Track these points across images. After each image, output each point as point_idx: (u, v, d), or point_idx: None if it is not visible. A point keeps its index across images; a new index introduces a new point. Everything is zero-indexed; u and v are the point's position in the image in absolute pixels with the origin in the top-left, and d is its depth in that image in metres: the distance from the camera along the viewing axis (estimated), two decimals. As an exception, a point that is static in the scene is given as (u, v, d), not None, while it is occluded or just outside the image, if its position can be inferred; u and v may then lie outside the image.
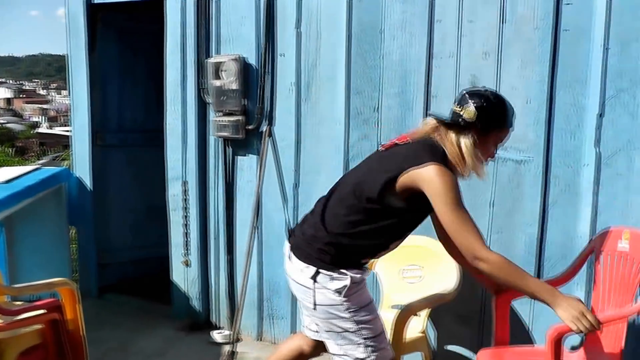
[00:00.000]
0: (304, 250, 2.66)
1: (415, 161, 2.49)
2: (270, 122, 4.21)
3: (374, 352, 2.66)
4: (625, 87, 3.27)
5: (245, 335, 4.51)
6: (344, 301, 2.60)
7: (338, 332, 2.67)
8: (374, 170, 2.63)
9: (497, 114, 2.58)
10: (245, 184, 4.38)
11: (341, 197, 2.66)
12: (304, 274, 2.63)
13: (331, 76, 3.97)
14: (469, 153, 2.54)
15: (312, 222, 2.71)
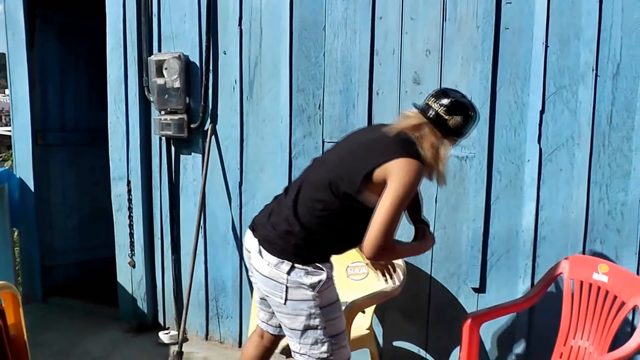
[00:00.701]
0: (278, 244, 2.61)
1: (392, 155, 2.50)
2: (213, 121, 4.16)
3: (335, 350, 2.67)
4: (566, 84, 3.32)
5: (192, 335, 4.47)
6: (315, 297, 2.59)
7: (303, 329, 2.65)
8: (349, 164, 2.61)
9: (470, 127, 2.69)
10: (189, 182, 4.33)
11: (316, 192, 2.62)
12: (278, 269, 2.60)
13: (274, 73, 3.94)
14: (443, 159, 2.59)
15: (284, 216, 2.65)
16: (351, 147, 2.71)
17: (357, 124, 3.71)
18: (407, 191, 2.46)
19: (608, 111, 3.28)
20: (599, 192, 3.34)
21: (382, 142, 2.59)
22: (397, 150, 2.52)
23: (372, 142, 2.63)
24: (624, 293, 2.85)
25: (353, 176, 2.54)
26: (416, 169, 2.48)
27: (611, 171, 3.33)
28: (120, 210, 4.61)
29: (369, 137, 2.69)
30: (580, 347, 2.99)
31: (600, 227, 3.36)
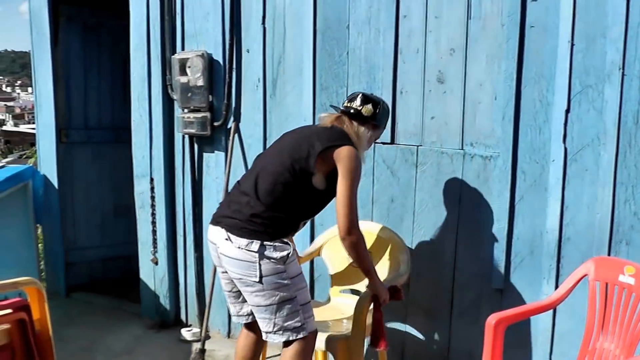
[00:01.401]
0: (246, 228, 2.85)
1: (338, 141, 2.93)
2: (236, 119, 4.17)
3: (306, 318, 2.92)
4: (592, 83, 3.27)
5: (214, 333, 4.49)
6: (286, 268, 2.85)
7: (278, 302, 2.85)
8: (303, 148, 2.94)
9: (385, 116, 3.22)
10: (212, 180, 4.34)
11: (277, 175, 2.91)
12: (249, 248, 2.82)
13: (297, 72, 3.94)
14: (366, 140, 3.10)
15: (245, 201, 2.90)
16: (297, 139, 3.04)
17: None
18: (355, 174, 2.91)
19: (635, 110, 3.23)
20: (624, 192, 3.29)
21: (325, 131, 3.02)
22: (342, 137, 2.97)
23: (316, 132, 3.04)
24: (651, 295, 2.82)
25: (309, 157, 2.89)
26: (356, 155, 2.93)
27: (637, 171, 3.28)
28: (143, 207, 4.64)
29: (310, 130, 3.13)
30: (606, 350, 2.95)
31: (626, 229, 3.31)
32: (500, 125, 3.46)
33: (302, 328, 2.89)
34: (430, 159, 3.64)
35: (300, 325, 2.89)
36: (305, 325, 2.90)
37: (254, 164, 3.15)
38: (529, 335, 3.55)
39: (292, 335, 2.90)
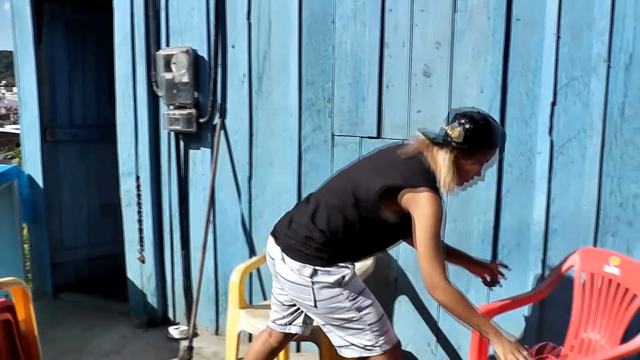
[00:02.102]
0: (300, 251, 2.71)
1: (413, 182, 2.59)
2: (222, 115, 4.15)
3: (380, 336, 2.75)
4: (578, 76, 3.30)
5: (202, 330, 4.47)
6: (343, 291, 2.68)
7: (340, 324, 2.74)
8: (369, 178, 2.69)
9: (482, 135, 2.63)
10: (198, 177, 4.32)
11: (335, 200, 2.72)
12: (301, 273, 2.69)
13: (283, 67, 3.93)
14: (451, 171, 2.62)
15: (304, 223, 2.73)
16: (372, 164, 2.80)
17: (367, 117, 3.72)
18: (434, 223, 2.53)
19: (620, 103, 3.26)
20: (610, 184, 3.31)
21: (402, 165, 2.66)
22: (418, 178, 2.60)
23: (391, 161, 2.72)
24: (636, 286, 2.81)
25: (373, 190, 2.63)
26: (434, 200, 2.55)
27: (623, 163, 3.30)
28: (130, 205, 4.61)
29: (388, 158, 2.76)
30: (592, 340, 2.96)
31: (612, 220, 3.34)
32: (486, 118, 3.46)
33: (376, 346, 2.75)
34: (417, 152, 3.64)
35: (372, 345, 2.75)
36: (378, 343, 2.75)
37: (330, 178, 2.99)
38: (516, 327, 3.56)
39: (365, 352, 2.78)
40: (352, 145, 3.79)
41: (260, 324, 3.41)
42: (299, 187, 3.96)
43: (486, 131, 2.65)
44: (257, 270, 4.17)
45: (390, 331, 2.81)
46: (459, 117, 2.63)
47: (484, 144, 2.65)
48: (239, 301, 3.53)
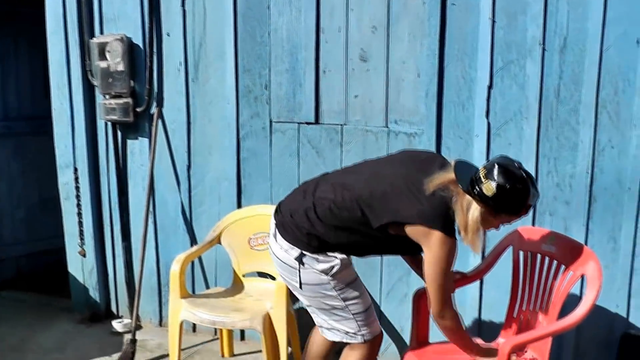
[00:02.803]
0: (292, 231, 2.67)
1: (427, 220, 2.47)
2: (159, 104, 4.07)
3: (364, 326, 2.76)
4: (514, 59, 3.35)
5: (146, 322, 4.41)
6: (330, 280, 2.66)
7: (326, 309, 2.74)
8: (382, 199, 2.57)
9: (514, 200, 2.45)
10: (138, 168, 4.24)
11: (343, 204, 2.62)
12: (289, 254, 2.68)
13: (219, 54, 3.87)
14: (473, 226, 2.48)
15: (304, 208, 2.67)
16: (392, 177, 2.62)
17: (305, 103, 3.71)
18: (444, 264, 2.50)
19: (556, 85, 3.32)
20: (547, 165, 3.36)
21: (421, 195, 2.49)
22: (435, 216, 2.47)
23: (412, 189, 2.53)
24: (571, 262, 2.85)
25: (381, 214, 2.55)
26: (445, 243, 2.47)
27: (559, 144, 3.36)
28: (68, 198, 4.50)
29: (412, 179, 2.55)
30: (530, 317, 2.99)
31: (550, 200, 3.39)
32: (423, 102, 3.48)
33: (358, 334, 2.77)
34: (355, 137, 3.65)
35: (354, 333, 2.77)
36: (361, 331, 2.77)
37: (346, 169, 2.92)
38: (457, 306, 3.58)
39: (346, 338, 2.80)
40: (290, 132, 3.77)
41: (202, 313, 3.39)
42: (238, 175, 3.93)
43: (520, 197, 2.45)
44: (199, 259, 4.13)
45: (374, 322, 2.82)
46: (500, 173, 2.41)
47: (512, 209, 2.49)
48: (180, 291, 3.49)
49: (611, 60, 3.21)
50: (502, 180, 2.39)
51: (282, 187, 3.83)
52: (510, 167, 2.44)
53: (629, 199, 3.29)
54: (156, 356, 4.00)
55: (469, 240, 2.50)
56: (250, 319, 3.32)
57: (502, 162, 2.46)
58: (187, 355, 3.96)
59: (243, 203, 3.94)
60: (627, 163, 3.28)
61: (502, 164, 2.45)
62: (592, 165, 3.32)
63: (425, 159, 2.69)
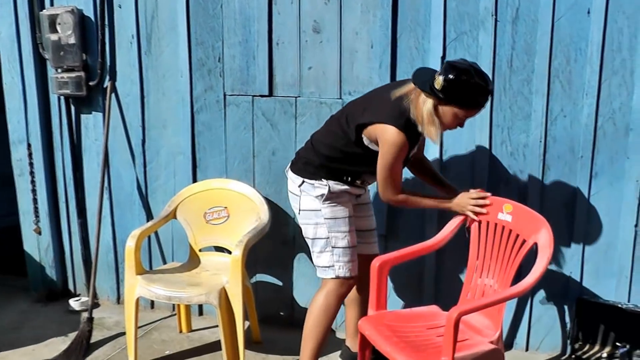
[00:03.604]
0: (296, 164, 3.10)
1: (384, 118, 2.80)
2: (112, 77, 4.00)
3: (339, 262, 3.03)
4: (467, 30, 3.37)
5: (104, 300, 4.37)
6: (322, 207, 3.01)
7: (312, 237, 3.06)
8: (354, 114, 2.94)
9: (461, 91, 2.69)
10: (92, 143, 4.16)
11: (331, 125, 3.06)
12: (294, 183, 3.08)
13: (172, 27, 3.81)
14: (427, 118, 2.75)
15: (307, 142, 3.14)
16: (368, 98, 3.02)
17: (258, 76, 3.69)
18: (393, 157, 2.81)
19: (508, 55, 3.34)
20: (501, 134, 3.39)
21: (384, 102, 2.86)
22: (389, 114, 2.80)
23: (379, 100, 2.92)
24: (525, 231, 2.90)
25: (353, 122, 2.90)
26: (395, 136, 2.77)
27: (512, 114, 3.39)
28: (22, 175, 4.42)
29: (381, 94, 2.93)
30: (487, 285, 3.03)
31: (504, 169, 3.43)
32: (377, 73, 3.48)
33: (331, 269, 3.03)
34: (310, 109, 3.64)
35: (329, 266, 3.03)
36: (334, 267, 3.03)
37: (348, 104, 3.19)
38: (416, 275, 3.66)
39: (321, 273, 3.08)
40: (244, 105, 3.74)
41: (157, 289, 3.36)
42: (193, 149, 3.89)
43: (467, 89, 2.70)
44: (156, 235, 4.10)
45: (350, 264, 3.05)
46: (447, 68, 2.68)
47: (460, 100, 2.72)
48: (135, 267, 3.46)
49: (563, 30, 3.25)
50: (448, 73, 2.66)
51: (237, 160, 3.82)
52: (458, 63, 2.73)
53: (581, 167, 3.35)
54: (114, 334, 3.97)
55: (425, 130, 2.79)
56: (206, 293, 3.30)
57: (453, 60, 2.79)
58: (144, 332, 3.94)
59: (198, 177, 3.91)
60: (579, 131, 3.33)
61: (452, 61, 2.76)
62: (545, 134, 3.36)
63: (401, 80, 3.04)
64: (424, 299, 3.63)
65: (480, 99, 2.75)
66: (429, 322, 3.02)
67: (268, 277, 3.97)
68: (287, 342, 3.75)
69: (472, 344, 2.80)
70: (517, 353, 3.63)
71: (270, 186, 3.78)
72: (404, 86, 2.86)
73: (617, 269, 3.42)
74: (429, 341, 2.85)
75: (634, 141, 3.27)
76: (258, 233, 3.48)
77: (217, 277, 3.49)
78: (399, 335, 2.84)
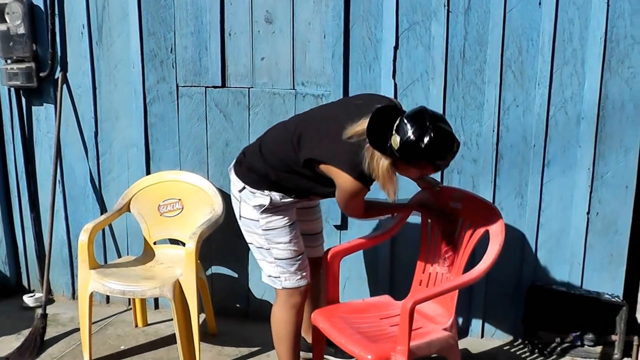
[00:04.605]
0: (240, 167, 2.88)
1: (337, 162, 2.58)
2: (63, 68, 3.92)
3: (284, 273, 2.87)
4: (419, 20, 3.38)
5: (59, 296, 4.31)
6: (260, 218, 2.82)
7: (256, 246, 2.91)
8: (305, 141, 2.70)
9: (421, 153, 2.42)
10: (44, 135, 4.09)
11: (281, 139, 2.79)
12: (235, 187, 2.89)
13: (123, 17, 3.74)
14: (385, 176, 2.52)
15: (254, 146, 2.91)
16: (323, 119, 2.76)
17: (211, 67, 3.66)
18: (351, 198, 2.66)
19: (461, 46, 3.37)
20: (454, 124, 3.41)
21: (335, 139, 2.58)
22: (340, 160, 2.57)
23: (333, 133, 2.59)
24: (476, 219, 2.92)
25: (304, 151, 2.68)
26: (351, 187, 2.59)
27: (465, 103, 3.41)
28: (-27, 169, 4.33)
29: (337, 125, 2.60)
30: (438, 273, 3.05)
31: (457, 158, 3.35)
32: (330, 63, 3.48)
33: (278, 280, 2.90)
34: (263, 100, 3.62)
35: (276, 277, 2.90)
36: (280, 278, 2.89)
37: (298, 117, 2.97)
38: (371, 264, 3.69)
39: (267, 280, 2.96)
40: (197, 96, 3.70)
41: (111, 283, 3.32)
42: (146, 141, 3.84)
43: (426, 150, 2.40)
44: (110, 228, 4.05)
45: (297, 274, 2.89)
46: (404, 126, 2.40)
47: (420, 161, 2.48)
48: (89, 261, 3.41)
49: (515, 21, 3.28)
50: (407, 134, 2.38)
51: (190, 152, 3.79)
52: (418, 119, 2.41)
53: (534, 155, 3.39)
54: (68, 330, 3.91)
55: (382, 187, 2.57)
56: (160, 286, 3.26)
57: (412, 111, 2.46)
58: (99, 328, 3.89)
59: (152, 169, 3.87)
60: (531, 120, 3.37)
61: (411, 113, 2.45)
62: (497, 123, 3.39)
63: (362, 104, 2.67)
64: (380, 289, 3.64)
65: (445, 159, 2.50)
66: (382, 312, 3.03)
67: (223, 269, 3.95)
68: (243, 334, 3.76)
69: (426, 332, 2.83)
70: (472, 340, 3.67)
71: (225, 178, 3.73)
72: (360, 122, 2.53)
73: (569, 256, 3.49)
74: (383, 331, 2.86)
75: (585, 130, 3.32)
76: (212, 225, 3.45)
77: (172, 269, 3.46)
78: (353, 326, 2.85)
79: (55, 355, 3.61)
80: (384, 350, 2.63)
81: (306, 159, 2.66)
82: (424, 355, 2.84)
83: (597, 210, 3.40)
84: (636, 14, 3.18)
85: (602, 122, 3.30)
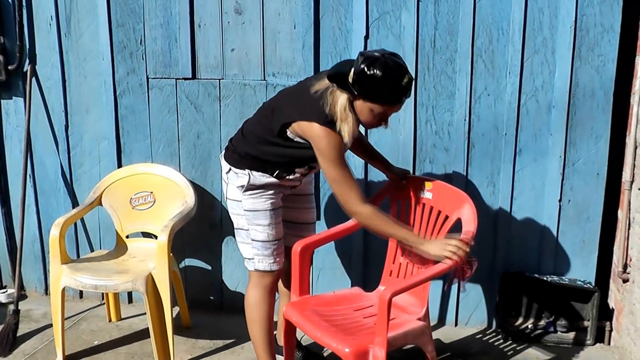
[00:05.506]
0: (227, 151, 2.97)
1: (305, 115, 2.60)
2: (32, 61, 3.87)
3: (258, 255, 2.92)
4: (389, 10, 3.39)
5: (31, 291, 4.26)
6: (243, 199, 2.87)
7: (236, 227, 2.96)
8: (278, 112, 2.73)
9: (375, 85, 2.47)
10: (13, 129, 4.03)
11: (258, 118, 2.90)
12: (223, 170, 2.96)
13: (92, 8, 3.70)
14: (341, 114, 2.56)
15: (237, 133, 2.98)
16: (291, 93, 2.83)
17: (181, 58, 3.63)
18: (332, 153, 2.58)
19: (431, 35, 3.37)
20: (425, 113, 3.42)
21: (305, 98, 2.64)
22: (311, 111, 2.59)
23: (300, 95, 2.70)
24: (448, 207, 2.92)
25: (277, 119, 2.70)
26: (325, 133, 2.57)
27: (436, 93, 3.42)
28: (-59, 164, 4.27)
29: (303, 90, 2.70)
30: (408, 264, 3.04)
31: (429, 147, 3.46)
32: (300, 54, 3.47)
33: (251, 262, 2.94)
34: (233, 91, 3.60)
35: (250, 259, 2.94)
36: (254, 260, 2.93)
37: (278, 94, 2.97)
38: (343, 255, 3.71)
39: (245, 263, 2.99)
40: (168, 88, 3.67)
41: (83, 277, 3.29)
42: (117, 133, 3.81)
43: (378, 82, 2.46)
44: (82, 223, 4.01)
45: (271, 257, 2.92)
46: (359, 59, 2.47)
47: (374, 94, 2.51)
48: (60, 256, 3.37)
49: (485, 11, 3.30)
50: (360, 66, 2.45)
51: (162, 144, 3.76)
52: (372, 54, 2.49)
53: (505, 144, 3.42)
54: (41, 326, 3.87)
55: (339, 127, 2.57)
56: (132, 280, 3.24)
57: (369, 50, 2.63)
58: (73, 323, 3.86)
59: (123, 162, 3.83)
60: (502, 109, 3.38)
61: (367, 51, 2.59)
62: (469, 112, 3.41)
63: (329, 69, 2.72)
64: (352, 281, 3.66)
65: (396, 92, 2.52)
66: (354, 304, 3.03)
67: (197, 261, 3.93)
68: (217, 326, 3.74)
69: (401, 323, 2.83)
70: (446, 329, 3.69)
71: (196, 170, 3.73)
72: (324, 80, 2.63)
73: (542, 243, 3.53)
74: (357, 323, 2.86)
75: (556, 118, 3.35)
76: (184, 217, 3.44)
77: (144, 263, 3.43)
78: (326, 319, 2.84)
79: (28, 352, 3.57)
80: (361, 342, 2.61)
81: (280, 126, 2.67)
82: (401, 345, 2.85)
83: (569, 198, 3.43)
84: (605, 2, 3.20)
85: (573, 110, 3.33)
